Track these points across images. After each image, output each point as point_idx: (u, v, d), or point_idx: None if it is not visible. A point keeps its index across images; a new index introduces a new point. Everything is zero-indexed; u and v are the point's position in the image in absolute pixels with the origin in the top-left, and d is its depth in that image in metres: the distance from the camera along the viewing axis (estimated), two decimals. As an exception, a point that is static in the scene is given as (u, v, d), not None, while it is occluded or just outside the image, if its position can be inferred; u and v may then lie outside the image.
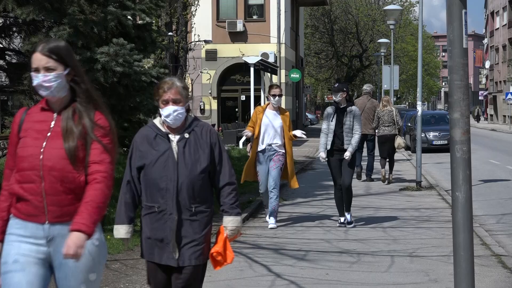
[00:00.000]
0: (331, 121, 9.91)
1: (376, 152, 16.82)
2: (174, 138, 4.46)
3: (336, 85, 10.08)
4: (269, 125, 9.94)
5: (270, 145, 9.93)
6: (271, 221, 10.14)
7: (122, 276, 7.05)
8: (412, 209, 12.00)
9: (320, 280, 7.11)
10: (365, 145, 16.47)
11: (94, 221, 3.61)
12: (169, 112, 4.40)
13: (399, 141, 15.61)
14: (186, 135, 4.46)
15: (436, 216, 11.20)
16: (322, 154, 10.02)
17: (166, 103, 4.42)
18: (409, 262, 7.92)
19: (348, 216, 10.24)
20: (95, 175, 3.70)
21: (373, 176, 16.61)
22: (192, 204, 4.40)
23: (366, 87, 17.18)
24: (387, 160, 15.89)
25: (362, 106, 16.01)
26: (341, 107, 9.95)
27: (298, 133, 10.03)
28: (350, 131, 9.85)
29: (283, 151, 10.00)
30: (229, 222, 4.50)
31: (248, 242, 9.08)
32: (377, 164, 18.27)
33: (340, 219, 10.28)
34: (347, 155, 9.76)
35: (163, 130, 4.49)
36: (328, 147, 9.91)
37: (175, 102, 4.40)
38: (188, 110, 4.51)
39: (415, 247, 8.69)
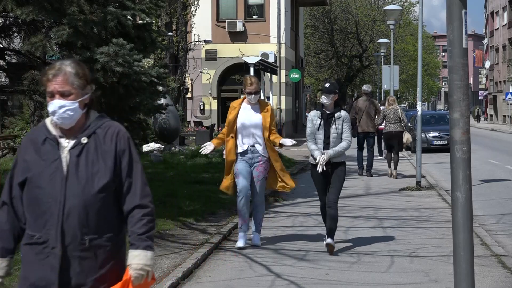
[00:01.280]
0: (318, 130, 8.21)
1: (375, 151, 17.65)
2: (68, 143, 3.35)
3: (327, 85, 8.28)
4: (247, 123, 8.48)
5: (253, 145, 8.50)
6: (255, 239, 8.65)
7: (122, 276, 7.03)
8: (412, 209, 12.01)
9: (320, 280, 7.11)
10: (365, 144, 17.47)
11: None
12: (54, 109, 3.30)
13: (407, 136, 16.69)
14: (84, 140, 3.33)
15: (436, 216, 11.20)
16: (319, 157, 8.09)
17: (52, 96, 3.32)
18: (409, 262, 7.92)
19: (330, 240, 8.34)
20: None
21: (372, 172, 17.52)
22: (86, 236, 3.26)
23: (366, 87, 17.95)
24: (392, 156, 16.87)
25: (363, 106, 16.97)
26: (328, 112, 8.23)
27: (287, 142, 8.48)
28: (338, 141, 8.20)
29: (267, 156, 8.54)
30: (134, 258, 3.33)
31: (248, 242, 9.07)
32: (378, 165, 18.43)
33: (326, 237, 8.39)
34: (324, 157, 8.05)
35: (54, 132, 3.37)
36: (319, 155, 8.14)
37: (63, 95, 3.30)
38: (88, 105, 3.39)
39: (415, 247, 8.69)
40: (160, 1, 10.50)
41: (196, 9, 28.30)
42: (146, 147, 20.92)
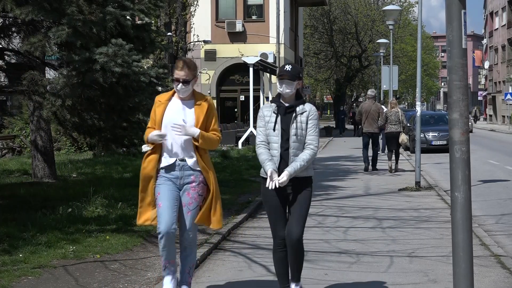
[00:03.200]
0: (274, 130, 5.84)
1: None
2: None
3: (289, 68, 5.87)
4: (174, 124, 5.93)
5: (183, 160, 5.95)
6: None
7: (121, 276, 7.04)
8: (411, 209, 12.01)
9: (319, 281, 7.11)
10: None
11: None
12: None
13: (403, 137, 18.47)
14: None
15: (435, 216, 11.20)
16: (272, 174, 5.70)
17: None
18: (408, 262, 7.92)
19: None
20: None
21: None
22: None
23: (371, 92, 19.75)
24: (393, 153, 18.63)
25: (369, 109, 18.70)
26: (288, 105, 5.90)
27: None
28: (301, 146, 5.85)
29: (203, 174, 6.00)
30: None
31: (247, 242, 9.08)
32: (379, 164, 18.57)
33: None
34: (282, 178, 5.68)
35: None
36: (271, 168, 5.74)
37: None
38: None
39: (414, 247, 8.69)
40: (159, 1, 10.51)
41: (195, 9, 28.34)
42: (145, 147, 20.92)
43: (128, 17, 9.66)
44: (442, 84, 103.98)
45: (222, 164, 18.76)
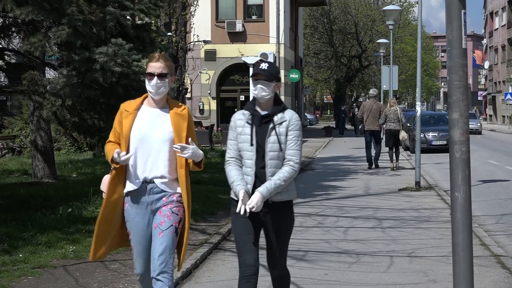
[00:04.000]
0: (251, 144, 4.80)
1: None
2: None
3: (264, 67, 4.84)
4: (146, 138, 4.86)
5: (150, 181, 4.86)
6: None
7: (121, 277, 7.05)
8: (411, 209, 12.01)
9: (319, 281, 7.11)
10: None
11: None
12: None
13: (403, 134, 19.20)
14: None
15: (435, 216, 11.21)
16: (245, 197, 4.73)
17: None
18: (408, 262, 7.92)
19: None
20: None
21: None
22: None
23: (372, 91, 20.57)
24: (393, 151, 19.25)
25: (370, 107, 19.50)
26: (264, 113, 4.86)
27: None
28: (280, 163, 4.80)
29: (179, 192, 4.88)
30: None
31: (247, 242, 9.07)
32: (380, 163, 18.60)
33: None
34: (252, 202, 4.68)
35: None
36: (242, 189, 4.76)
37: None
38: None
39: (414, 247, 8.70)
40: (159, 1, 10.50)
41: (195, 9, 28.29)
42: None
43: (128, 17, 9.66)
44: (442, 84, 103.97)
45: (222, 164, 18.73)
